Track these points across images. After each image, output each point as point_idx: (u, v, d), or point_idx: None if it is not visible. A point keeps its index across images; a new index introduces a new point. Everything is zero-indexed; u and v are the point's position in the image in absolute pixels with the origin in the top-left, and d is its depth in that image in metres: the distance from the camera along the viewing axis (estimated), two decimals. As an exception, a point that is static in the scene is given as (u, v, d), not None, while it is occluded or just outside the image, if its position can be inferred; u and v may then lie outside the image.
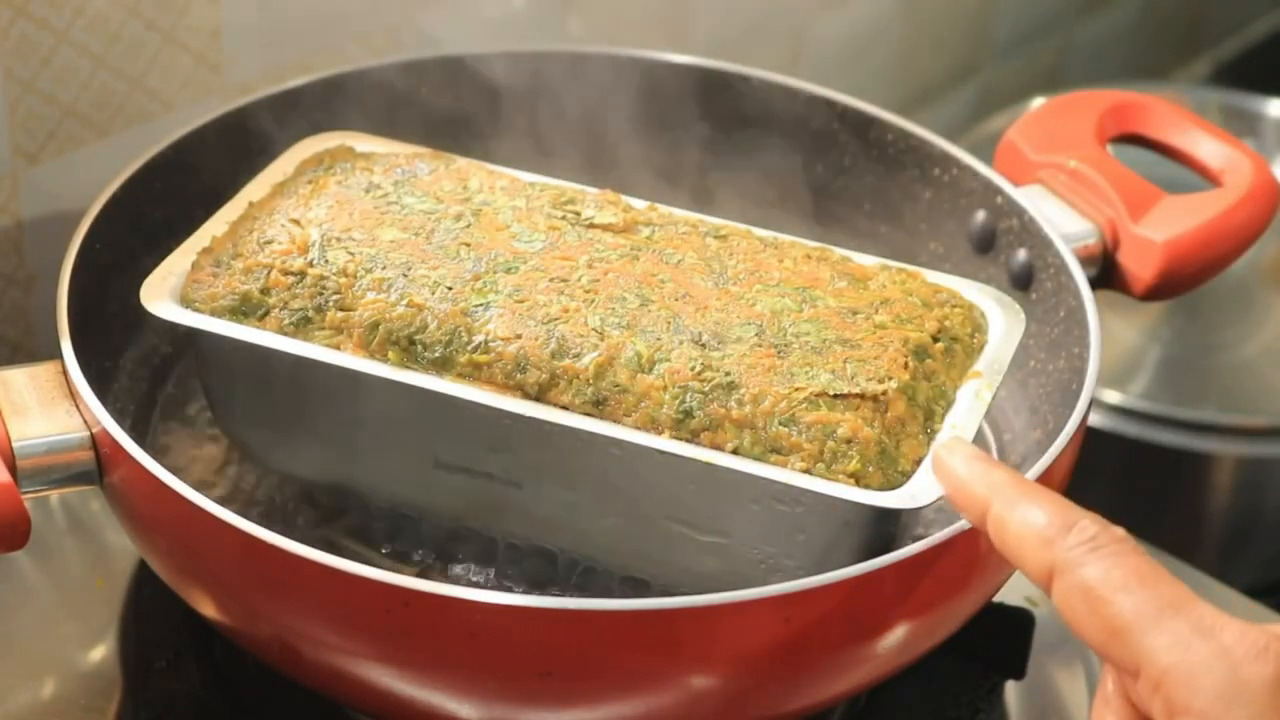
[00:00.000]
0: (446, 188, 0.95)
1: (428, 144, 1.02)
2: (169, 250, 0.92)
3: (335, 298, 0.89)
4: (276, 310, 0.89)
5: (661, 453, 0.84)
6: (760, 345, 0.87)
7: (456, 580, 0.92)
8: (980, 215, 1.05)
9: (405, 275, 0.89)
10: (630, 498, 0.87)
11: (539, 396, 0.86)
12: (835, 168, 1.11)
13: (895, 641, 0.83)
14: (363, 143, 1.01)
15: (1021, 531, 0.71)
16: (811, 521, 0.84)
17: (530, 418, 0.85)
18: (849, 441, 0.83)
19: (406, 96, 1.08)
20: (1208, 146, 1.05)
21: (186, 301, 0.90)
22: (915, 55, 1.59)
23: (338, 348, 0.88)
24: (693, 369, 0.85)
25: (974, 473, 0.74)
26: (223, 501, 0.83)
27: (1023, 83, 1.71)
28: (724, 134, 1.12)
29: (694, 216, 0.96)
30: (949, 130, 1.54)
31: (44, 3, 1.02)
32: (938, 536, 0.81)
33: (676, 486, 0.85)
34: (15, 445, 0.84)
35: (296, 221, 0.92)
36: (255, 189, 0.96)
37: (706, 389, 0.85)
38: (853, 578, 0.79)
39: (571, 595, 0.77)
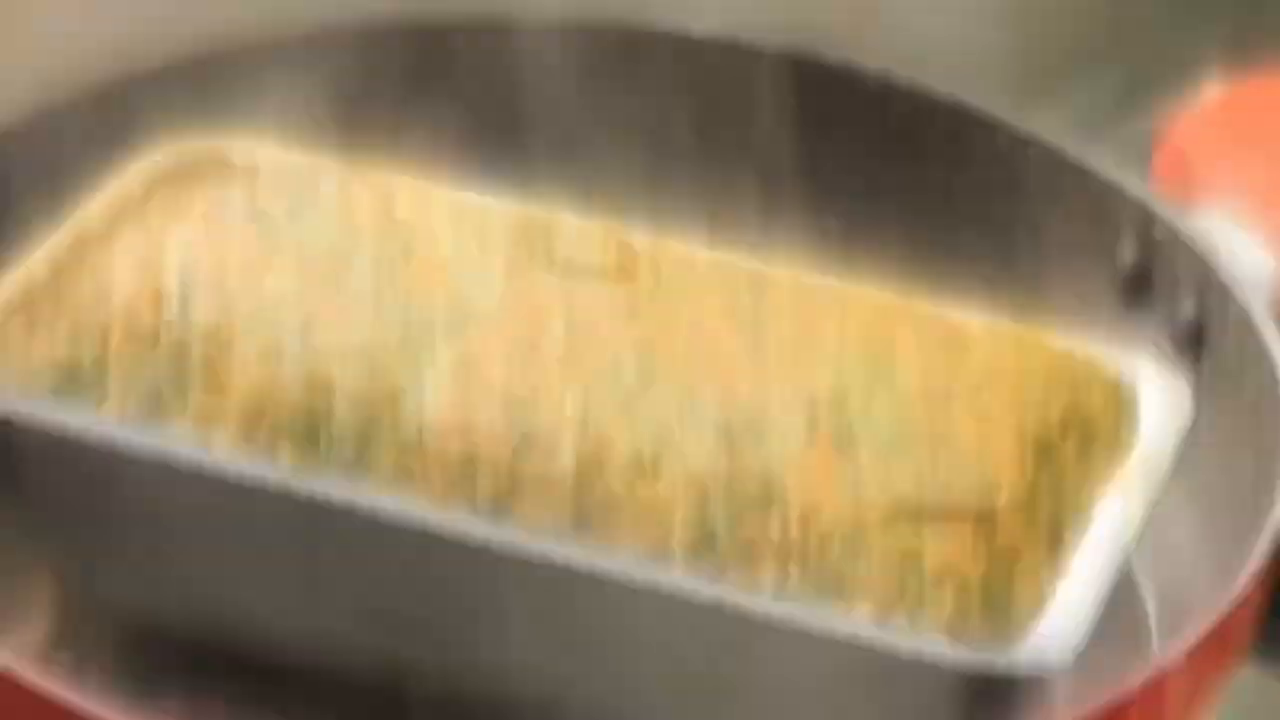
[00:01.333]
0: (363, 214, 0.96)
1: (337, 147, 1.02)
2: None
3: (203, 371, 0.89)
4: (119, 387, 0.89)
5: (672, 593, 0.83)
6: (813, 439, 0.87)
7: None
8: (1128, 251, 1.05)
9: (303, 339, 0.90)
10: (625, 652, 0.87)
11: (496, 511, 0.86)
12: (923, 185, 1.12)
13: None
14: (242, 149, 1.01)
15: None
16: (889, 692, 0.84)
17: (483, 541, 0.85)
18: (941, 577, 0.83)
19: (306, 80, 1.07)
20: None
21: (-10, 375, 0.91)
22: (1033, 30, 1.59)
23: (208, 441, 0.88)
24: (717, 473, 0.86)
25: None
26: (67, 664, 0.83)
27: (1188, 65, 1.71)
28: (767, 138, 1.11)
29: (718, 255, 0.97)
30: (1082, 133, 1.53)
31: None
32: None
33: (692, 638, 0.85)
34: None
35: (147, 262, 0.93)
36: (88, 216, 0.97)
37: (736, 501, 0.85)
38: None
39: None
